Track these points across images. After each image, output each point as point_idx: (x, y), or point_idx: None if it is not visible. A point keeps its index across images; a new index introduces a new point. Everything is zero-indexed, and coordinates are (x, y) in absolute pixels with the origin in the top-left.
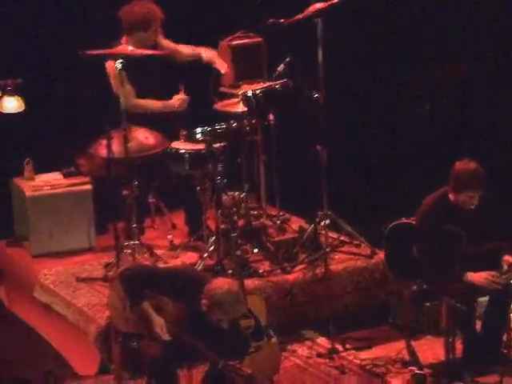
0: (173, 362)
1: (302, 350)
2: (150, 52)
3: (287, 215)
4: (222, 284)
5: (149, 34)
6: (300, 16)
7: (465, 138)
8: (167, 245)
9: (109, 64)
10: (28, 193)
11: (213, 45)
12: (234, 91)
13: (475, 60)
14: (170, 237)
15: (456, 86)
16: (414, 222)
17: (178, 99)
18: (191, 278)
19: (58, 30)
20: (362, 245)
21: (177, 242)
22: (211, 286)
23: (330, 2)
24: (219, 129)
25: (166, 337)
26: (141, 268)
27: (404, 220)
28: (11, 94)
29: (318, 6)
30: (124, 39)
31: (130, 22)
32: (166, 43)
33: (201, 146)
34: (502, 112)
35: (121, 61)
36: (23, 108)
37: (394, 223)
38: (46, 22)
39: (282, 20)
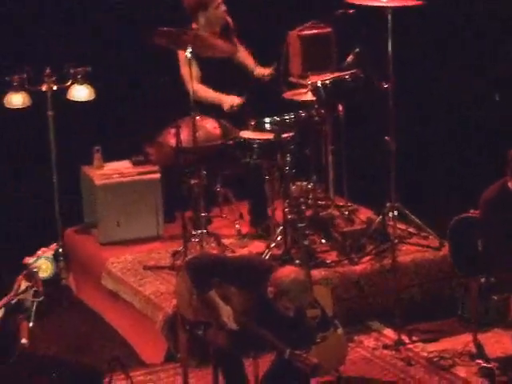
0: (239, 351)
1: (368, 341)
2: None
3: (355, 206)
4: (288, 272)
5: (211, 11)
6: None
7: None
8: (235, 234)
9: (180, 52)
10: (97, 181)
11: (282, 35)
12: (303, 81)
13: None
14: (237, 226)
15: None
16: (476, 215)
17: (231, 102)
18: (258, 267)
19: (128, 16)
20: (430, 237)
21: (244, 231)
22: (278, 274)
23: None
24: (288, 118)
25: (233, 326)
26: (208, 257)
27: (470, 212)
28: (81, 82)
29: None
30: (193, 25)
31: (188, 5)
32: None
33: (269, 136)
34: None
35: (190, 50)
36: (93, 96)
37: (458, 216)
38: (114, 9)
39: (352, 10)
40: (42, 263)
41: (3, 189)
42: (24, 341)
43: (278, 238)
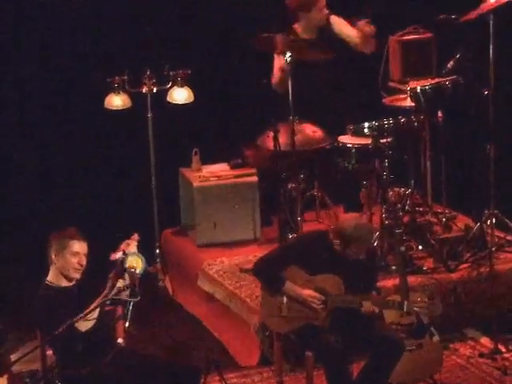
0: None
1: (464, 349)
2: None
3: (453, 213)
4: (349, 221)
5: (313, 13)
6: (472, 15)
7: None
8: None
9: (276, 55)
10: (195, 183)
11: (382, 39)
12: (403, 86)
13: None
14: None
15: None
16: None
17: None
18: (313, 236)
19: (228, 19)
20: None
21: None
22: (340, 226)
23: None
24: (387, 124)
25: (322, 307)
26: (267, 254)
27: None
28: (181, 84)
29: (492, 3)
30: (295, 25)
31: (291, 4)
32: (337, 20)
33: (368, 141)
34: None
35: (289, 54)
36: (192, 99)
37: None
38: (215, 12)
39: (454, 16)
40: (132, 260)
41: (103, 190)
42: (120, 340)
43: (375, 243)
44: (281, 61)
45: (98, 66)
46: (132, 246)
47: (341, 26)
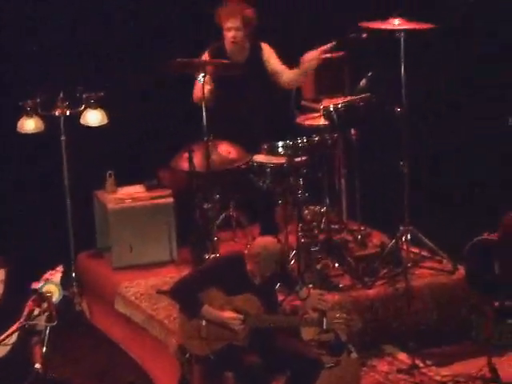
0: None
1: (382, 365)
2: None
3: (368, 230)
4: (261, 240)
5: (225, 32)
6: (381, 30)
7: None
8: None
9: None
10: (110, 205)
11: (295, 59)
12: (316, 105)
13: None
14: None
15: None
16: (495, 238)
17: None
18: (229, 258)
19: (141, 41)
20: (444, 260)
21: None
22: (254, 242)
23: (411, 24)
24: (301, 143)
25: (242, 328)
26: (183, 277)
27: (485, 236)
28: (94, 106)
29: (401, 21)
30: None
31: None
32: (268, 51)
33: (282, 160)
34: None
35: (202, 74)
36: (106, 121)
37: (474, 239)
38: (126, 36)
39: (365, 34)
40: (49, 287)
41: (16, 214)
42: (38, 366)
43: (292, 262)
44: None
45: (10, 89)
46: (56, 276)
47: (270, 58)
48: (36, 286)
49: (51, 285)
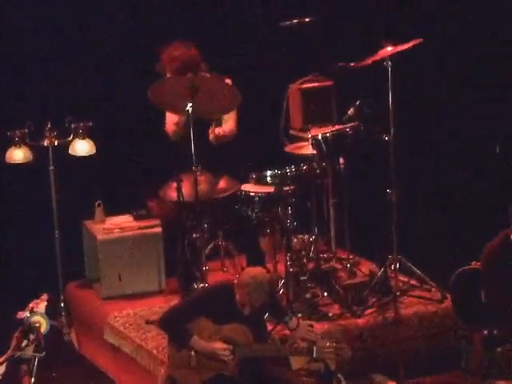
0: None
1: None
2: None
3: (357, 258)
4: (251, 270)
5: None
6: (369, 60)
7: None
8: None
9: None
10: (99, 236)
11: (282, 87)
12: (304, 134)
13: None
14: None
15: None
16: (480, 267)
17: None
18: (217, 288)
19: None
20: (433, 289)
21: None
22: (243, 272)
23: (399, 48)
24: (289, 172)
25: (231, 358)
26: (172, 307)
27: (473, 264)
28: (82, 136)
29: (388, 50)
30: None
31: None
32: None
33: (271, 189)
34: None
35: (190, 105)
36: (94, 151)
37: (460, 269)
38: (114, 63)
39: (352, 63)
40: (36, 318)
41: (4, 243)
42: None
43: (281, 291)
44: (173, 116)
45: None
46: (41, 305)
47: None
48: (21, 315)
49: (37, 317)
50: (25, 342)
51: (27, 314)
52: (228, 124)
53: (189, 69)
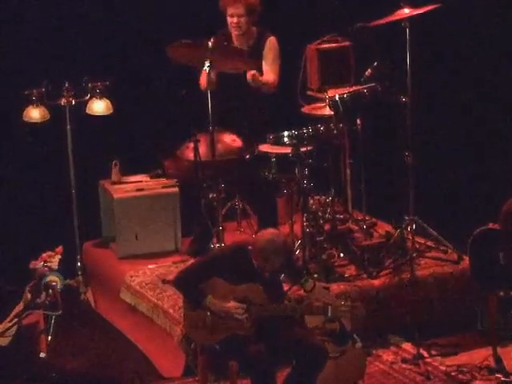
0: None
1: (387, 355)
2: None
3: (374, 220)
4: (266, 233)
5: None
6: (387, 20)
7: None
8: None
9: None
10: (115, 195)
11: (301, 48)
12: (321, 95)
13: None
14: None
15: None
16: (498, 228)
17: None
18: (232, 249)
19: (147, 31)
20: (449, 250)
21: None
22: (258, 235)
23: (418, 10)
24: (306, 133)
25: (245, 317)
26: (187, 267)
27: (490, 226)
28: (99, 96)
29: (407, 11)
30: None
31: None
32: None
33: (287, 150)
34: None
35: (208, 64)
36: (111, 111)
37: (478, 230)
38: (130, 22)
39: (371, 24)
40: (52, 277)
41: (22, 202)
42: (43, 354)
43: (297, 252)
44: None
45: (15, 78)
46: (55, 258)
47: (267, 53)
48: (35, 264)
49: (53, 275)
50: (41, 298)
51: (41, 264)
52: (267, 75)
53: (251, 12)
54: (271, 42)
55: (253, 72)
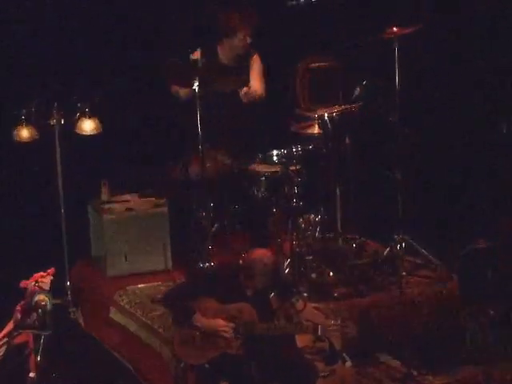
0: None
1: (377, 373)
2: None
3: (363, 238)
4: (256, 252)
5: (235, 40)
6: (375, 40)
7: None
8: None
9: None
10: (104, 215)
11: (290, 67)
12: (311, 114)
13: None
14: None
15: None
16: (485, 246)
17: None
18: (222, 267)
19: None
20: (439, 268)
21: None
22: (248, 253)
23: (406, 28)
24: (295, 151)
25: (233, 336)
26: (176, 286)
27: (477, 244)
28: (88, 115)
29: (395, 29)
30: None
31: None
32: (256, 65)
33: (277, 169)
34: None
35: (197, 84)
36: (100, 129)
37: (466, 248)
38: (124, 42)
39: (361, 43)
40: (41, 296)
41: (11, 222)
42: (32, 374)
43: (286, 271)
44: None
45: (5, 98)
46: (47, 279)
47: (252, 72)
48: (25, 284)
49: (43, 294)
50: (31, 318)
51: (32, 283)
52: (253, 84)
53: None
54: (257, 58)
55: (245, 90)
